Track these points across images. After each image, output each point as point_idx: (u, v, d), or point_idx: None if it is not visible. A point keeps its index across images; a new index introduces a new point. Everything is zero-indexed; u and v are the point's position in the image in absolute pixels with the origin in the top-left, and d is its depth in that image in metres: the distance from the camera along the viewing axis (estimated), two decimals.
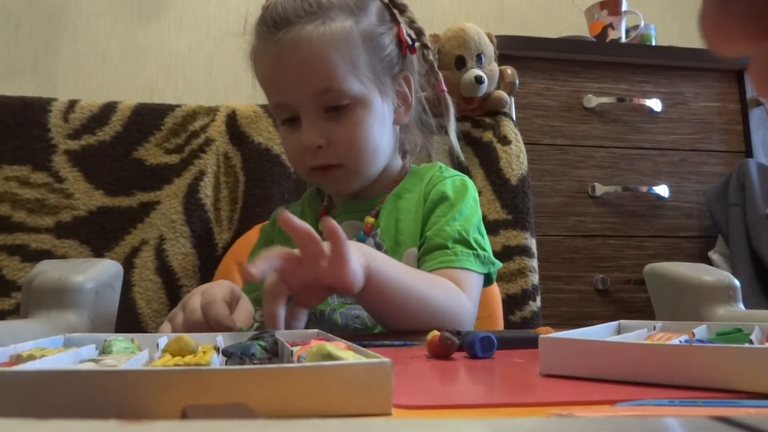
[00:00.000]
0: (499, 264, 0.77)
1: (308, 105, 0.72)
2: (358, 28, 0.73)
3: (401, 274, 0.63)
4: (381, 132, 0.77)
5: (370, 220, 0.78)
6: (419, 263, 0.73)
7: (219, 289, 0.58)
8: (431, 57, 0.84)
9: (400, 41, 0.79)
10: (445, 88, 0.87)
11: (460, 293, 0.68)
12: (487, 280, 0.76)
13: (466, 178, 0.83)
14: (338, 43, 0.71)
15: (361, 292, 0.57)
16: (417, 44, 0.82)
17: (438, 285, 0.67)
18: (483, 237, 0.77)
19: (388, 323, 0.66)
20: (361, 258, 0.56)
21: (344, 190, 0.80)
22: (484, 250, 0.74)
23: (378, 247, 0.76)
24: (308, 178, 0.81)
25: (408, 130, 0.85)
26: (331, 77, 0.71)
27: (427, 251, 0.73)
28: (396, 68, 0.79)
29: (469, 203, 0.78)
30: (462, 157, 1.06)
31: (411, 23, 0.82)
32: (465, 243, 0.73)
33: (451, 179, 0.80)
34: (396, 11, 0.80)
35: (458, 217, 0.75)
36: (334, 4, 0.72)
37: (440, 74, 0.86)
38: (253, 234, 1.01)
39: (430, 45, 0.84)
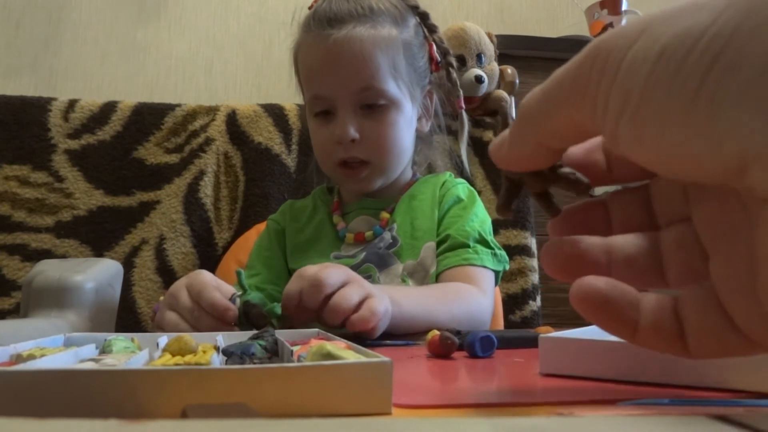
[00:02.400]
0: (507, 266, 0.82)
1: (348, 100, 0.77)
2: (401, 37, 0.80)
3: (422, 304, 0.65)
4: (408, 136, 0.83)
5: (385, 215, 0.82)
6: (439, 257, 0.78)
7: (204, 276, 0.57)
8: (454, 76, 0.91)
9: (430, 57, 0.87)
10: (463, 105, 0.93)
11: (477, 295, 0.73)
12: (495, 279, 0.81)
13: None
14: (384, 46, 0.78)
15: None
16: (442, 63, 0.89)
17: (457, 296, 0.71)
18: (493, 238, 0.83)
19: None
20: (386, 304, 0.57)
21: (365, 189, 0.83)
22: (499, 249, 0.80)
23: (394, 240, 0.80)
24: (333, 172, 0.83)
25: (422, 141, 0.92)
26: (374, 76, 0.77)
27: (450, 248, 0.78)
28: (425, 80, 0.86)
29: (481, 208, 0.85)
30: (469, 172, 1.09)
31: (440, 43, 0.89)
32: (484, 243, 0.79)
33: (462, 185, 0.87)
34: (428, 30, 0.87)
35: (474, 219, 0.81)
36: (382, 11, 0.79)
37: (461, 92, 0.93)
38: (253, 234, 1.01)
39: (454, 64, 0.91)
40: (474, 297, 0.72)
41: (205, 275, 0.56)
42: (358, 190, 0.85)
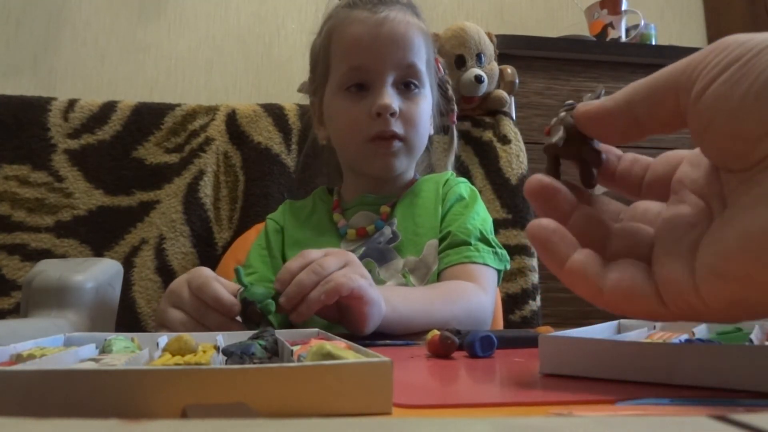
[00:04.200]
0: (509, 265, 0.83)
1: (389, 74, 0.80)
2: (429, 37, 0.86)
3: (421, 304, 0.65)
4: (428, 124, 0.87)
5: (386, 209, 0.83)
6: (440, 255, 0.79)
7: (205, 272, 0.57)
8: (451, 93, 0.96)
9: (436, 68, 0.92)
10: (455, 120, 0.98)
11: (478, 293, 0.73)
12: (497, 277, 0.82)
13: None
14: (423, 35, 0.83)
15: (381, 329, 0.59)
16: (442, 79, 0.95)
17: (457, 294, 0.71)
18: (494, 237, 0.83)
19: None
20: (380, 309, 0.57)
21: (391, 168, 0.83)
22: (501, 248, 0.81)
23: (394, 235, 0.81)
24: (360, 149, 0.82)
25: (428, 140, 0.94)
26: (417, 57, 0.82)
27: (452, 245, 0.78)
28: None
29: (482, 206, 0.86)
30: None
31: (443, 66, 0.95)
32: (485, 241, 0.80)
33: (464, 184, 0.88)
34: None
35: (476, 217, 0.81)
36: (418, 8, 0.85)
37: (456, 108, 0.98)
38: (253, 234, 1.01)
39: (450, 82, 0.97)
40: (475, 295, 0.72)
41: (206, 271, 0.56)
42: (383, 168, 0.83)
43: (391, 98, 0.78)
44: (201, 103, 1.16)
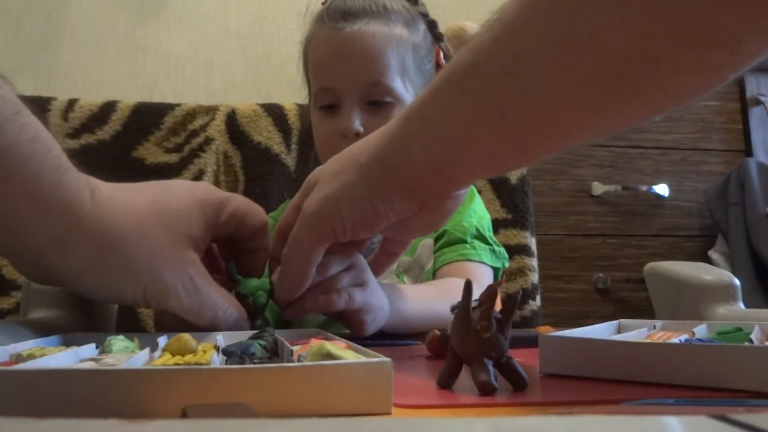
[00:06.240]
0: (507, 263, 0.83)
1: (354, 94, 0.77)
2: (411, 39, 0.81)
3: (421, 303, 0.63)
4: None
5: None
6: (436, 254, 0.78)
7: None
8: None
9: (437, 63, 0.88)
10: None
11: (476, 291, 0.70)
12: (494, 275, 0.81)
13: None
14: (395, 44, 0.78)
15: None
16: None
17: (454, 293, 0.68)
18: (492, 235, 0.83)
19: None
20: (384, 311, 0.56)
21: None
22: (498, 246, 0.80)
23: None
24: None
25: None
26: (383, 73, 0.77)
27: (447, 243, 0.78)
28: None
29: (480, 204, 0.85)
30: None
31: (446, 52, 0.90)
32: (482, 239, 0.79)
33: None
34: (434, 38, 0.88)
35: (473, 215, 0.81)
36: (395, 11, 0.80)
37: None
38: None
39: None
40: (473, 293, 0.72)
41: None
42: None
43: (354, 119, 0.76)
44: (201, 103, 1.16)
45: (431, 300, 0.66)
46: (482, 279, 0.76)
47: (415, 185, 0.44)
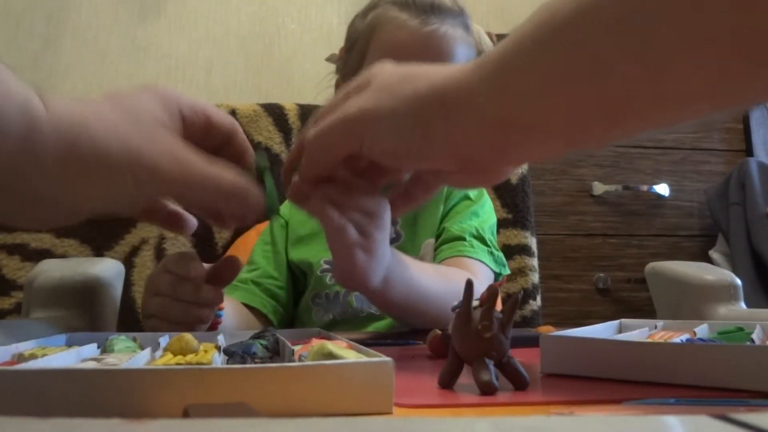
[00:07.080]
0: (507, 270, 0.82)
1: None
2: (471, 40, 0.82)
3: (417, 278, 0.61)
4: None
5: None
6: (436, 252, 0.78)
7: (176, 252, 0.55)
8: None
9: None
10: None
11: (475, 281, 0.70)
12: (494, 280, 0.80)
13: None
14: (467, 50, 0.80)
15: (375, 294, 0.55)
16: None
17: (456, 277, 0.67)
18: (495, 240, 0.83)
19: (404, 323, 0.66)
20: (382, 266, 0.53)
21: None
22: (497, 250, 0.80)
23: (397, 235, 0.81)
24: None
25: None
26: None
27: (445, 241, 0.78)
28: None
29: (486, 207, 0.85)
30: None
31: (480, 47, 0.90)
32: (481, 239, 0.79)
33: None
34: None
35: (474, 217, 0.81)
36: (465, 13, 0.82)
37: None
38: (253, 234, 1.01)
39: None
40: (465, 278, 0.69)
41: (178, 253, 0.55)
42: None
43: None
44: None
45: (428, 276, 0.62)
46: (480, 275, 0.75)
47: (467, 143, 0.37)
